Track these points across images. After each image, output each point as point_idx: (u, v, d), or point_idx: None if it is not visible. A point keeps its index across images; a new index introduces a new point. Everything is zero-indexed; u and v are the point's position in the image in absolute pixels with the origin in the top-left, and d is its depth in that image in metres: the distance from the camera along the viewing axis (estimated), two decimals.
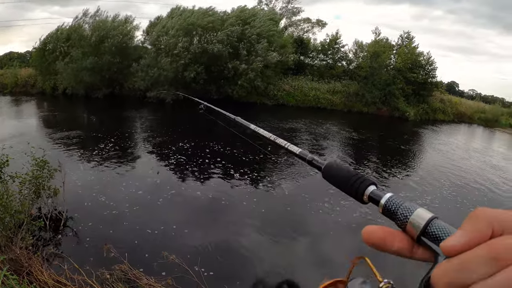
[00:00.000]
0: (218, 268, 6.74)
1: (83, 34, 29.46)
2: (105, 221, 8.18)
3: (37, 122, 19.98)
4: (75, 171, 10.78)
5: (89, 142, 14.67)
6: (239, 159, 13.79)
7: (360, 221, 9.34)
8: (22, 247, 5.60)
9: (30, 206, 7.14)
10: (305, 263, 7.39)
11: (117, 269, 5.90)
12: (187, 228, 8.32)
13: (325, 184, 3.18)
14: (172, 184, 11.05)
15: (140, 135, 17.59)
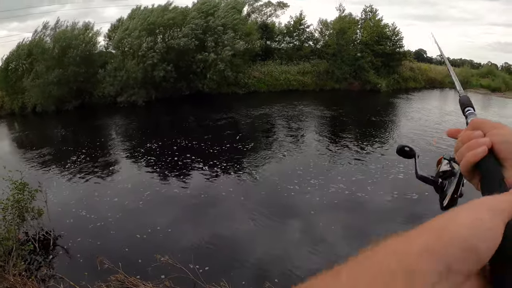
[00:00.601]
0: (212, 263, 6.89)
1: (45, 47, 28.61)
2: (92, 234, 8.22)
3: (9, 144, 19.60)
4: (55, 189, 10.73)
5: (64, 158, 14.47)
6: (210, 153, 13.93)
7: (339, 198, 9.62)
8: (16, 274, 5.61)
9: (16, 231, 7.11)
10: (296, 245, 7.59)
11: (113, 280, 5.98)
12: (174, 227, 8.46)
13: (292, 166, 3.36)
14: (151, 186, 11.13)
15: (113, 142, 17.47)
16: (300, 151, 13.97)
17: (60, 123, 24.45)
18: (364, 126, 18.48)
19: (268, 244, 7.64)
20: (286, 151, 13.89)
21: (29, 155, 15.45)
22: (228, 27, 28.89)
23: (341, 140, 15.39)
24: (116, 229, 8.40)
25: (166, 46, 27.73)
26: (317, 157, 12.99)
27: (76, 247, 7.71)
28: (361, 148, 14.05)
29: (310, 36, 36.48)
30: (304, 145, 14.76)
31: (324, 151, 13.79)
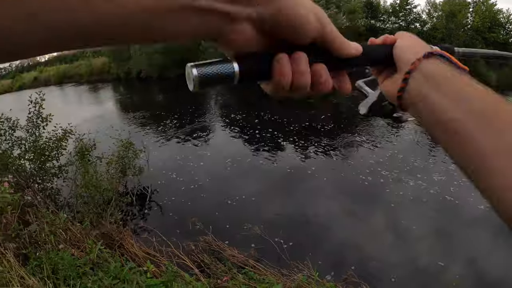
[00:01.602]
0: (296, 239, 6.66)
1: None
2: (185, 195, 8.42)
3: (114, 106, 21.07)
4: (153, 150, 11.20)
5: (163, 122, 15.12)
6: (301, 129, 13.49)
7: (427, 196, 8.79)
8: (112, 222, 5.89)
9: (117, 184, 7.51)
10: (375, 237, 7.10)
11: (202, 241, 6.04)
12: (261, 198, 8.35)
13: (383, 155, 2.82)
14: (241, 155, 11.12)
15: (210, 110, 17.87)
16: (394, 141, 13.02)
17: (162, 89, 25.81)
18: None
19: (348, 230, 7.21)
20: (381, 139, 13.04)
21: (131, 117, 16.44)
22: (331, 2, 27.93)
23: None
24: (207, 193, 8.51)
25: None
26: (415, 151, 11.96)
27: (170, 205, 7.97)
28: None
29: (417, 17, 33.73)
30: (398, 135, 13.74)
31: (426, 145, 12.66)
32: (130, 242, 5.35)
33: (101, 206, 6.46)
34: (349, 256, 6.40)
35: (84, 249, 4.46)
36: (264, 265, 5.57)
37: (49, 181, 7.58)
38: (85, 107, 20.93)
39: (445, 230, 7.26)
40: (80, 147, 7.63)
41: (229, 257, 5.66)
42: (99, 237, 5.06)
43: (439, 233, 7.20)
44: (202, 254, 5.63)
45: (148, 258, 4.99)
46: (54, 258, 3.75)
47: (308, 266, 5.43)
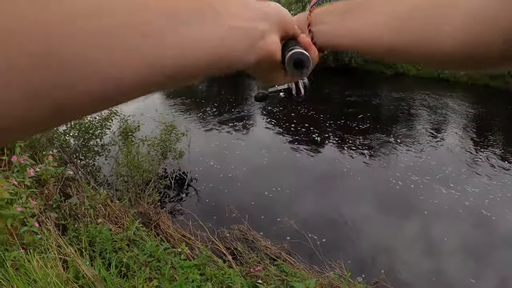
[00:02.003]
0: (330, 237, 6.56)
1: None
2: (223, 183, 8.46)
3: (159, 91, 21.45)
4: (195, 136, 11.29)
5: (210, 108, 15.29)
6: (342, 128, 13.18)
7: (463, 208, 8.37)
8: (150, 203, 5.99)
9: (157, 166, 7.61)
10: (413, 244, 6.87)
11: (236, 229, 6.04)
12: (297, 192, 8.29)
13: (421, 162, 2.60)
14: (279, 148, 11.08)
15: (251, 102, 17.79)
16: (433, 148, 12.46)
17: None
18: None
19: (381, 233, 7.01)
20: (419, 145, 12.54)
21: (174, 103, 16.62)
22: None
23: (482, 147, 13.19)
24: (244, 183, 8.51)
25: None
26: (449, 159, 11.42)
27: (207, 191, 8.01)
28: (504, 162, 11.81)
29: None
30: (440, 143, 13.11)
31: (460, 155, 12.01)
32: (166, 223, 5.41)
33: (140, 186, 6.58)
34: (380, 259, 6.25)
35: (121, 225, 4.54)
36: (296, 259, 5.53)
37: (92, 158, 7.80)
38: None
39: (478, 246, 6.94)
40: (124, 128, 7.79)
41: (262, 247, 5.65)
42: (137, 216, 5.14)
43: (472, 248, 6.89)
44: (235, 242, 5.64)
45: (183, 240, 5.03)
46: (92, 231, 3.82)
47: (340, 265, 5.38)
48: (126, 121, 7.96)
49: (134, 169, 6.70)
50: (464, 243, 7.06)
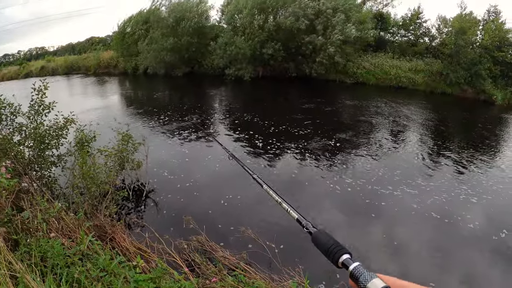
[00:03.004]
0: (291, 245, 6.65)
1: (161, 17, 30.78)
2: (182, 193, 8.46)
3: (120, 99, 21.16)
4: (156, 146, 11.23)
5: (170, 118, 15.23)
6: (305, 137, 13.53)
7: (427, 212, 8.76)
8: (106, 215, 5.89)
9: (114, 177, 7.51)
10: (374, 248, 7.08)
11: (194, 240, 6.04)
12: (259, 201, 8.31)
13: (385, 168, 2.80)
14: (242, 158, 11.09)
15: (219, 112, 17.91)
16: (398, 154, 12.98)
17: (168, 86, 26.00)
18: (475, 140, 16.50)
19: (349, 240, 7.21)
20: (384, 151, 13.03)
21: (135, 112, 16.52)
22: (339, 10, 27.87)
23: (444, 152, 13.88)
24: (203, 192, 8.54)
25: (276, 25, 27.83)
26: (413, 165, 11.93)
27: (165, 202, 7.97)
28: (464, 167, 12.47)
29: (427, 31, 33.72)
30: (403, 149, 13.68)
31: (423, 160, 12.60)
32: (122, 236, 5.34)
33: (97, 198, 6.47)
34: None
35: (75, 239, 4.45)
36: (255, 268, 5.55)
37: (47, 169, 7.55)
38: (89, 98, 21.03)
39: (441, 248, 7.25)
40: (80, 138, 7.64)
41: (221, 258, 5.66)
42: (92, 229, 5.05)
43: (435, 250, 7.19)
44: (193, 254, 5.62)
45: (138, 253, 4.98)
46: (44, 246, 3.74)
47: (299, 273, 5.41)
48: (82, 131, 7.81)
49: (90, 180, 6.58)
50: (426, 246, 7.35)
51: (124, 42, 32.56)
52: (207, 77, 28.91)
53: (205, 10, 31.87)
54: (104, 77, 30.99)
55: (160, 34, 29.61)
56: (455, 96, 28.86)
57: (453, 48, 28.74)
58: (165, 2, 32.08)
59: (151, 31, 30.61)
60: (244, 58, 27.81)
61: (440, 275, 6.36)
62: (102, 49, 39.49)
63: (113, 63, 34.47)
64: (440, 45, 31.23)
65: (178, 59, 29.66)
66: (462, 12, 30.29)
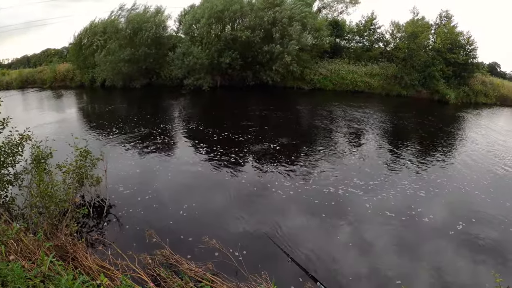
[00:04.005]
0: (256, 253, 6.75)
1: (119, 27, 30.22)
2: (144, 207, 8.39)
3: (77, 113, 20.62)
4: (113, 159, 11.04)
5: (125, 131, 15.03)
6: (267, 144, 13.79)
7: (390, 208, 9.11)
8: (67, 234, 5.76)
9: (74, 195, 7.35)
10: (341, 248, 7.28)
11: (159, 254, 6.01)
12: (223, 212, 8.43)
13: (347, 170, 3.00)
14: (203, 169, 11.22)
15: (174, 122, 17.82)
16: (358, 155, 13.44)
17: (127, 98, 25.57)
18: (432, 138, 17.33)
19: (313, 242, 7.37)
20: (344, 153, 13.45)
21: (94, 125, 16.17)
22: (294, 19, 28.49)
23: (402, 150, 14.57)
24: (164, 205, 8.53)
25: (232, 34, 28.08)
26: (374, 164, 12.42)
27: (128, 217, 7.88)
28: (422, 163, 13.11)
29: (381, 37, 35.39)
30: (363, 150, 14.19)
31: (383, 159, 13.15)
32: (84, 255, 5.24)
33: (57, 217, 6.31)
34: (313, 267, 6.50)
35: (35, 261, 4.35)
36: (222, 278, 5.60)
37: (4, 189, 7.26)
38: (45, 113, 20.34)
39: (403, 244, 7.55)
40: (37, 155, 7.43)
41: (186, 270, 5.65)
42: (52, 249, 4.94)
43: (398, 246, 7.47)
44: (158, 268, 5.59)
45: (102, 271, 4.90)
46: (3, 269, 3.65)
47: (266, 279, 5.50)
48: (38, 147, 7.61)
49: (48, 199, 6.41)
50: (389, 243, 7.61)
51: (80, 53, 31.60)
52: (165, 88, 28.68)
53: (163, 21, 31.61)
54: (60, 91, 30.01)
55: (117, 45, 29.03)
56: (410, 97, 30.26)
57: (406, 52, 30.25)
58: (124, 13, 31.57)
59: (109, 42, 29.94)
60: (202, 68, 27.81)
61: (406, 271, 6.62)
62: (58, 61, 38.14)
63: (70, 75, 33.35)
64: (394, 50, 32.79)
65: (136, 70, 29.22)
66: (414, 17, 32.07)
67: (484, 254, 7.33)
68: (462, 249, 7.52)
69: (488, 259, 7.19)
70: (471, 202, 9.80)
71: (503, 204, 9.74)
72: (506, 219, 8.88)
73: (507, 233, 8.27)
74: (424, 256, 7.17)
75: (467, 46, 31.52)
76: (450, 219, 8.71)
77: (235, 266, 6.12)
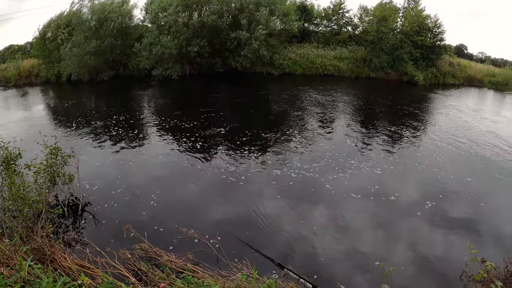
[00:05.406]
0: (236, 240, 6.85)
1: (83, 19, 29.18)
2: (120, 201, 8.37)
3: (44, 110, 20.05)
4: (85, 155, 10.89)
5: (95, 126, 14.77)
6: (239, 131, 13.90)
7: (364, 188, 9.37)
8: (43, 236, 5.68)
9: (47, 195, 7.25)
10: (320, 229, 7.46)
11: (138, 248, 6.02)
12: (200, 201, 8.49)
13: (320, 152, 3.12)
14: (178, 159, 11.25)
15: (144, 114, 17.61)
16: (330, 137, 13.71)
17: (94, 92, 24.99)
18: (400, 119, 17.75)
19: (292, 226, 7.55)
20: (317, 136, 13.68)
21: (63, 122, 15.80)
22: (262, 5, 28.39)
23: (372, 131, 14.98)
24: (145, 199, 8.49)
25: (200, 21, 27.70)
26: (346, 146, 12.73)
27: (103, 213, 7.83)
28: (393, 142, 13.58)
29: (349, 21, 35.72)
30: (335, 132, 14.49)
31: (355, 140, 13.47)
32: (62, 255, 5.21)
33: (31, 219, 6.23)
34: (293, 251, 6.69)
35: (14, 266, 4.32)
36: (203, 267, 5.65)
37: None
38: (11, 112, 19.61)
39: (381, 222, 7.82)
40: (5, 156, 7.27)
41: (167, 263, 5.68)
42: (30, 252, 4.88)
43: (375, 225, 7.73)
44: (138, 262, 5.60)
45: (82, 270, 4.88)
46: None
47: (246, 265, 5.59)
48: (6, 148, 7.43)
49: (21, 201, 6.31)
50: (366, 222, 7.88)
51: (45, 48, 30.34)
52: (134, 79, 28.10)
53: (129, 10, 30.71)
54: (25, 88, 28.75)
55: (83, 37, 28.03)
56: (379, 79, 30.83)
57: (375, 35, 30.62)
58: (86, 2, 30.43)
59: (74, 34, 28.90)
60: (171, 57, 27.40)
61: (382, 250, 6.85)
62: (21, 57, 36.52)
63: (35, 72, 31.94)
64: (363, 33, 33.24)
65: (103, 62, 28.40)
66: (382, 1, 32.52)
67: (457, 228, 7.72)
68: (434, 225, 7.86)
69: (461, 232, 7.57)
70: (437, 179, 10.24)
71: (464, 179, 10.24)
72: (472, 193, 9.35)
73: (476, 207, 8.71)
74: (399, 233, 7.47)
75: (435, 29, 32.55)
76: (419, 197, 9.08)
77: (215, 254, 6.22)
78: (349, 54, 32.62)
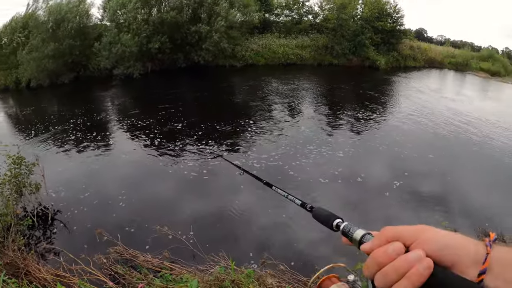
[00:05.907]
0: (211, 234, 6.97)
1: (40, 21, 28.08)
2: (90, 206, 8.29)
3: (4, 119, 19.35)
4: (51, 163, 10.66)
5: (59, 131, 14.40)
6: (206, 126, 13.93)
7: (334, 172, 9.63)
8: (15, 249, 5.60)
9: (14, 207, 7.11)
10: (294, 217, 7.62)
11: (113, 252, 6.02)
12: (172, 199, 8.53)
13: (288, 140, 3.31)
14: (147, 158, 11.21)
15: (109, 115, 17.30)
16: (297, 125, 13.95)
17: (55, 96, 24.28)
18: (361, 103, 18.26)
19: (267, 216, 7.71)
20: (284, 125, 13.88)
21: (24, 130, 15.33)
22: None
23: (332, 117, 15.38)
24: (114, 201, 8.45)
25: (160, 18, 27.30)
26: (304, 132, 13.00)
27: (74, 219, 7.75)
28: (353, 125, 14.01)
29: (310, 10, 36.10)
30: (301, 120, 14.75)
31: (313, 126, 13.78)
32: (36, 267, 5.17)
33: (1, 233, 6.12)
34: (270, 241, 6.86)
35: None
36: (180, 264, 5.74)
37: None
38: None
39: (353, 204, 8.11)
40: None
41: (143, 263, 5.72)
42: (2, 267, 4.84)
43: (348, 208, 8.00)
44: (114, 266, 5.60)
45: (58, 280, 4.88)
46: None
47: (224, 257, 5.69)
48: None
49: None
50: (341, 205, 8.14)
51: (1, 53, 29.06)
52: (95, 80, 27.36)
53: (86, 9, 29.76)
54: None
55: (40, 40, 26.99)
56: (342, 65, 31.46)
57: (336, 22, 31.11)
58: (41, 4, 29.22)
59: (31, 37, 27.78)
60: (132, 55, 26.80)
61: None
62: None
63: None
64: (324, 21, 33.66)
65: (62, 65, 27.38)
66: None
67: (426, 203, 8.08)
68: (405, 201, 8.22)
69: (431, 206, 7.96)
70: (400, 158, 10.69)
71: (426, 156, 10.70)
72: (436, 169, 9.81)
73: (442, 182, 9.16)
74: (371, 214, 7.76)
75: (394, 14, 33.64)
76: (385, 176, 9.46)
77: (190, 250, 6.28)
78: (310, 42, 33.07)
